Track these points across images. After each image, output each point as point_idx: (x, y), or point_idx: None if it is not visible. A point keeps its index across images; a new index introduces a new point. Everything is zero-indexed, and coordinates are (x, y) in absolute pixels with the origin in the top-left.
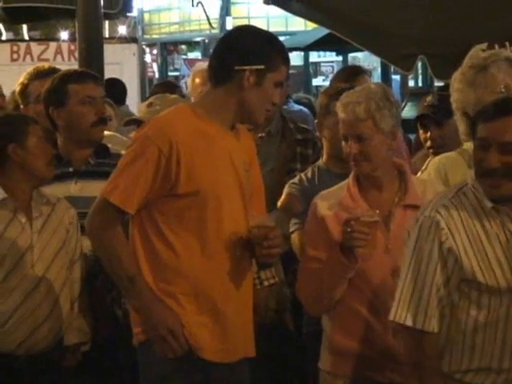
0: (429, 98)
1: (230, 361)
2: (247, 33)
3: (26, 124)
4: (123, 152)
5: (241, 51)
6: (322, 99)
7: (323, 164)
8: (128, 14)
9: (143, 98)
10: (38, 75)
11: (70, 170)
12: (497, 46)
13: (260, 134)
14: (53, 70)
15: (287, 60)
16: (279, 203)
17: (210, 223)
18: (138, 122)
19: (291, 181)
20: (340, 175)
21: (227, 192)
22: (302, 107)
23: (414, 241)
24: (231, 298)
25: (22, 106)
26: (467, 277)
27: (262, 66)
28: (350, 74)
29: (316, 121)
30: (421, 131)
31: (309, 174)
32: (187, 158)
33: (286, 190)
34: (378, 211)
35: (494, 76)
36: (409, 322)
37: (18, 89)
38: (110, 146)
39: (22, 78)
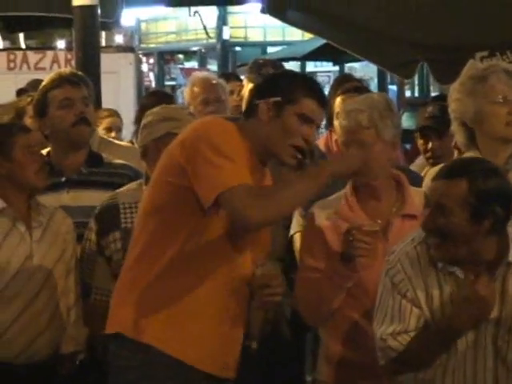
0: (430, 109)
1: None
2: (279, 72)
3: (11, 135)
4: (117, 161)
5: (263, 86)
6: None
7: None
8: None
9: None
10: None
11: (62, 179)
12: (498, 54)
13: None
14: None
15: (312, 93)
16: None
17: (221, 245)
18: None
19: None
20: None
21: None
22: None
23: (381, 287)
24: (223, 319)
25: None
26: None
27: (278, 98)
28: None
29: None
30: (421, 141)
31: None
32: None
33: None
34: (379, 221)
35: (494, 86)
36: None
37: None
38: (104, 155)
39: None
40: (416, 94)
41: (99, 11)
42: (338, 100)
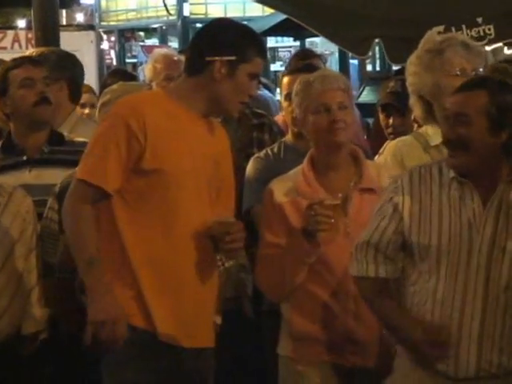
0: (391, 84)
1: (192, 346)
2: (222, 25)
3: None
4: (79, 139)
5: (213, 42)
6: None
7: (289, 141)
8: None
9: (101, 85)
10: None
11: (24, 158)
12: (453, 29)
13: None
14: None
15: (263, 52)
16: None
17: (172, 205)
18: None
19: (257, 154)
20: (305, 153)
21: (190, 177)
22: (272, 95)
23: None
24: (193, 283)
25: None
26: (405, 234)
27: (234, 57)
28: (303, 58)
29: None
30: (382, 117)
31: (275, 149)
32: (153, 135)
33: (250, 164)
34: (340, 194)
35: (451, 59)
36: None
37: None
38: (65, 133)
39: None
40: (377, 68)
41: None
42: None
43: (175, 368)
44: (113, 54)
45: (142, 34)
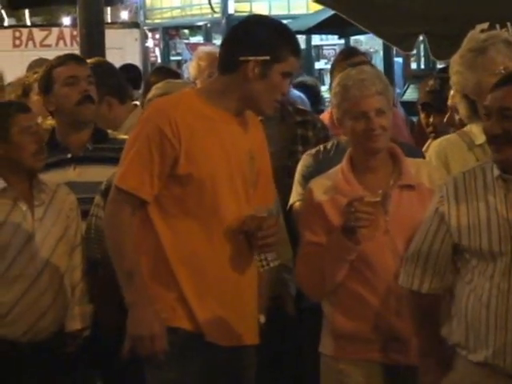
0: (430, 83)
1: (236, 344)
2: (256, 23)
3: (8, 115)
4: (122, 136)
5: (247, 41)
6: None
7: (344, 140)
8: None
9: (145, 83)
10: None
11: (68, 156)
12: (498, 26)
13: (259, 118)
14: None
15: (297, 51)
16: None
17: (209, 207)
18: None
19: (308, 151)
20: None
21: (225, 176)
22: (300, 94)
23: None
24: (233, 281)
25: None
26: (455, 240)
27: (268, 57)
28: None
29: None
30: (422, 115)
31: (328, 147)
32: (187, 138)
33: (301, 160)
34: (380, 191)
35: (494, 58)
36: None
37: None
38: (109, 131)
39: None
40: (422, 66)
41: None
42: None
43: (217, 367)
44: (157, 51)
45: (186, 31)
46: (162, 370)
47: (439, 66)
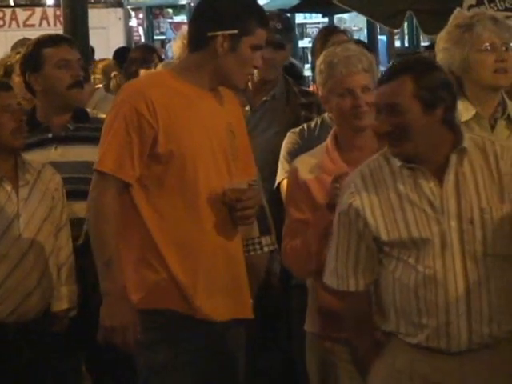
0: None
1: (224, 319)
2: None
3: None
4: (103, 116)
5: (213, 17)
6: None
7: (329, 118)
8: None
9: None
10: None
11: (50, 136)
12: (486, 2)
13: (264, 98)
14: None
15: (264, 22)
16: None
17: (191, 183)
18: None
19: (293, 129)
20: None
21: (205, 151)
22: None
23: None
24: (219, 255)
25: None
26: (374, 234)
27: (236, 31)
28: (328, 34)
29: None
30: None
31: (312, 125)
32: (164, 116)
33: (285, 138)
34: None
35: (480, 34)
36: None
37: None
38: (89, 110)
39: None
40: (406, 44)
41: None
42: None
43: (209, 346)
44: (141, 31)
45: (170, 10)
46: (152, 352)
47: (423, 43)
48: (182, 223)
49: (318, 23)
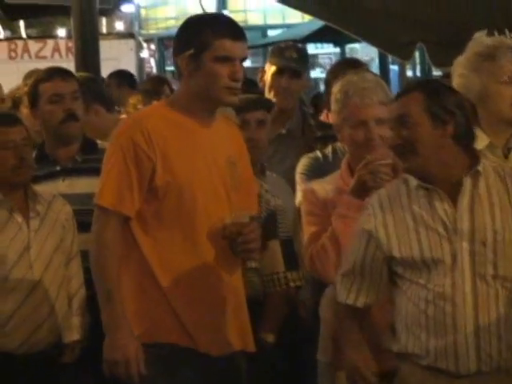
0: None
1: (224, 353)
2: (184, 22)
3: None
4: None
5: (175, 43)
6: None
7: (342, 147)
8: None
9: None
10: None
11: (58, 168)
12: (496, 33)
13: (279, 131)
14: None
15: (222, 32)
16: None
17: (188, 214)
18: None
19: (309, 154)
20: None
21: (204, 182)
22: None
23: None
24: (220, 288)
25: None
26: (386, 253)
27: (191, 50)
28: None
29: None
30: None
31: (326, 151)
32: (161, 146)
33: (300, 162)
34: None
35: (502, 65)
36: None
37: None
38: (98, 141)
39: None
40: (418, 74)
41: None
42: None
43: (209, 378)
44: (152, 62)
45: None
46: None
47: (435, 73)
48: (180, 257)
49: (330, 53)
